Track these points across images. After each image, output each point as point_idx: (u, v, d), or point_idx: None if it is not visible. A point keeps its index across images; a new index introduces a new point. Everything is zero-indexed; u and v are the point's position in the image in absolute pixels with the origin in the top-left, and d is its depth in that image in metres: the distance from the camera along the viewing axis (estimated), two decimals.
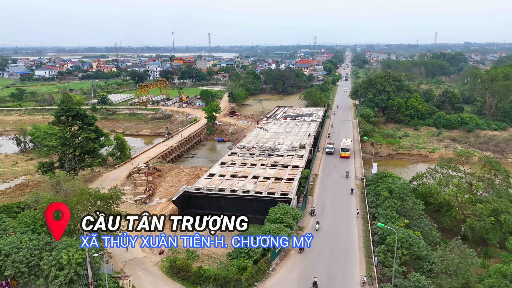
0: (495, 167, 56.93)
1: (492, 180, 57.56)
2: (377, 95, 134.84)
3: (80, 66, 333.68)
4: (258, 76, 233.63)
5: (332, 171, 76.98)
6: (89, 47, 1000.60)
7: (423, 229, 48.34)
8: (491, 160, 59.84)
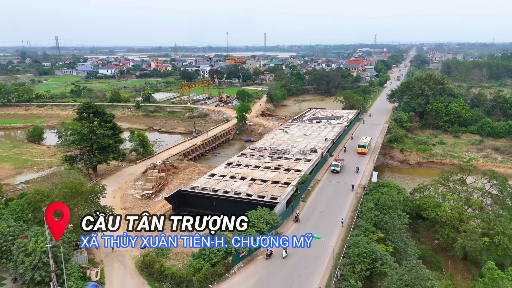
0: (500, 183, 51.53)
1: (497, 197, 52.26)
2: (414, 98, 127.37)
3: (140, 65, 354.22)
4: (302, 76, 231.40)
5: (336, 178, 74.56)
6: (156, 46, 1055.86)
7: (398, 244, 45.44)
8: (497, 175, 54.10)
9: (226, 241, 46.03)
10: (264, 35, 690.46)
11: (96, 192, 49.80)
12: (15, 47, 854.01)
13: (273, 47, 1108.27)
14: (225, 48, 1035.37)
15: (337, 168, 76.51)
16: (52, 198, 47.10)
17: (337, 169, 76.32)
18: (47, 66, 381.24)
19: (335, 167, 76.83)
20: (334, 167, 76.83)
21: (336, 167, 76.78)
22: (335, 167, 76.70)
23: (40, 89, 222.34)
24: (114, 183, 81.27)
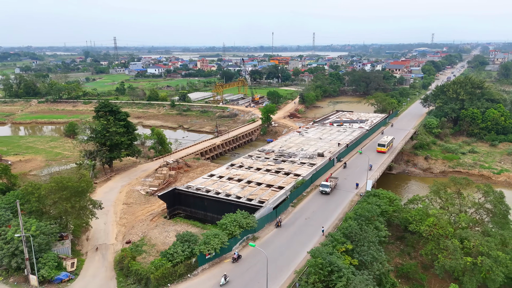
0: (494, 200, 47.00)
1: (494, 214, 47.84)
2: (447, 103, 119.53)
3: (187, 64, 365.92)
4: (340, 77, 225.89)
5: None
6: (210, 46, 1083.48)
7: (364, 257, 43.31)
8: (492, 190, 49.28)
9: (192, 242, 46.87)
10: (313, 34, 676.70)
11: (82, 187, 52.64)
12: (82, 47, 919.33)
13: (325, 46, 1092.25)
14: (276, 48, 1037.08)
15: (326, 189, 66.80)
16: (40, 191, 50.81)
17: (326, 190, 66.72)
18: (104, 65, 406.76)
19: (324, 187, 67.07)
20: (323, 188, 67.06)
21: (325, 188, 66.99)
22: (324, 188, 66.96)
23: (89, 87, 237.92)
24: (126, 179, 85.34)
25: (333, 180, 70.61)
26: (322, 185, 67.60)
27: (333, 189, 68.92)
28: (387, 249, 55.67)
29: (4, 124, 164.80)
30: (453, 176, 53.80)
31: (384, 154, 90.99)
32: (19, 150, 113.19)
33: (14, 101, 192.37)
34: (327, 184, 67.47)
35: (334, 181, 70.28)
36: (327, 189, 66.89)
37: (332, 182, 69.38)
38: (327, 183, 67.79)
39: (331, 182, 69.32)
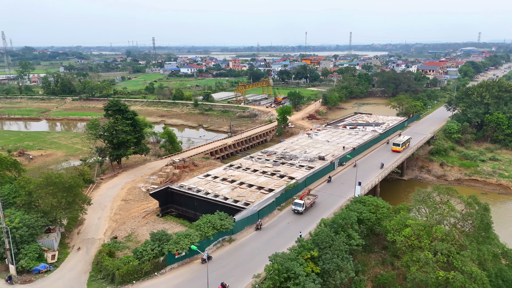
0: (476, 213, 43.85)
1: (475, 227, 44.77)
2: (471, 107, 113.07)
3: (220, 64, 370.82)
4: (369, 78, 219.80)
5: (329, 189, 70.68)
6: (248, 46, 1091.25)
7: (327, 266, 42.11)
8: (476, 202, 45.85)
9: (164, 241, 47.76)
10: (350, 34, 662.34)
11: (69, 183, 55.04)
12: (126, 47, 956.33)
13: (365, 46, 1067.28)
14: (315, 47, 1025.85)
15: (298, 208, 59.77)
16: (30, 186, 53.78)
17: (298, 209, 59.71)
18: (142, 64, 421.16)
19: (296, 206, 60.22)
20: (295, 207, 60.27)
21: (297, 207, 59.98)
22: (296, 207, 60.12)
23: (123, 85, 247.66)
24: (132, 176, 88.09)
25: (310, 197, 63.76)
26: (295, 203, 60.81)
27: (309, 208, 61.80)
28: (369, 258, 53.96)
29: (39, 120, 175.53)
30: (436, 185, 50.77)
31: (398, 153, 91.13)
32: (44, 145, 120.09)
33: (51, 98, 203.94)
34: (299, 202, 60.47)
35: (312, 198, 63.17)
36: (300, 208, 59.80)
37: (309, 199, 62.71)
38: (300, 201, 60.78)
39: (308, 199, 62.73)
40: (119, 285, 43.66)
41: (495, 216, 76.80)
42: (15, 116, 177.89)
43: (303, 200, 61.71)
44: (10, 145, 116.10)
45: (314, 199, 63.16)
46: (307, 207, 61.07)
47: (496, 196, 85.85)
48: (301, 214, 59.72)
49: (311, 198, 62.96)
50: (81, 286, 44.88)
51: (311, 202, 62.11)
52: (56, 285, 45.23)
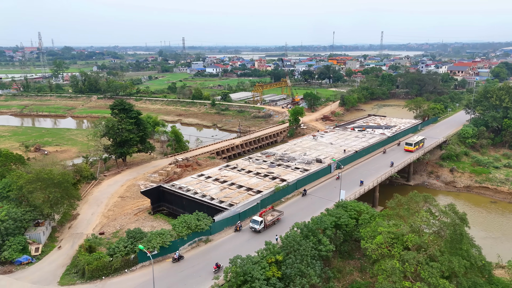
0: (450, 223, 41.49)
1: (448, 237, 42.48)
2: (489, 110, 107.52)
3: (245, 64, 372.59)
4: (393, 79, 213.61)
5: (321, 192, 69.41)
6: (279, 46, 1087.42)
7: (289, 271, 41.43)
8: (455, 210, 43.27)
9: (138, 239, 48.80)
10: (381, 33, 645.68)
11: (57, 179, 57.25)
12: (160, 47, 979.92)
13: (400, 45, 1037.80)
14: (347, 47, 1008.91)
15: (255, 226, 54.38)
16: (20, 181, 56.46)
17: (255, 227, 54.35)
18: (171, 64, 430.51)
19: (253, 224, 54.82)
20: (252, 224, 54.90)
21: (255, 225, 54.61)
22: (254, 225, 54.64)
23: (150, 85, 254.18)
24: (134, 173, 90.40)
25: (275, 213, 58.22)
26: (252, 220, 55.56)
27: (271, 225, 56.33)
28: (347, 264, 52.68)
29: (65, 117, 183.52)
30: (414, 192, 48.49)
31: (411, 153, 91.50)
32: (62, 141, 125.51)
33: (78, 97, 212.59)
34: (257, 220, 54.96)
35: (276, 215, 57.64)
36: (257, 226, 54.31)
37: (272, 216, 57.27)
38: (259, 218, 55.26)
39: (272, 215, 57.28)
40: (88, 280, 45.05)
41: (502, 227, 72.98)
42: (42, 113, 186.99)
43: (263, 217, 56.41)
44: (31, 141, 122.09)
45: (278, 215, 58.00)
46: (267, 224, 55.53)
47: (506, 206, 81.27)
48: (259, 232, 54.46)
49: (275, 215, 57.79)
50: (55, 279, 46.65)
51: (274, 219, 56.86)
52: (32, 277, 47.24)
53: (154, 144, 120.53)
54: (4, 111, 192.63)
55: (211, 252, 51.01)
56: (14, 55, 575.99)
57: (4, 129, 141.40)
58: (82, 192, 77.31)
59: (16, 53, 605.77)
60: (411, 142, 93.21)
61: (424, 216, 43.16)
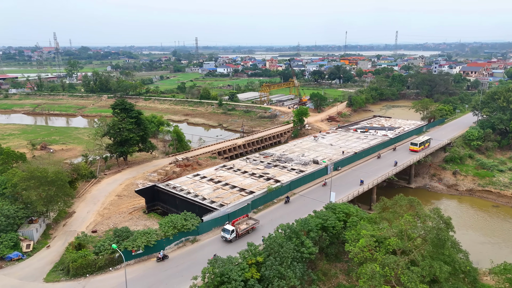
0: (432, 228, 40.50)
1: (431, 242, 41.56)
2: (496, 112, 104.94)
3: (257, 64, 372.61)
4: (404, 79, 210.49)
5: (313, 194, 68.85)
6: (293, 46, 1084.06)
7: (267, 272, 41.26)
8: (439, 215, 42.16)
9: (124, 238, 49.35)
10: (396, 33, 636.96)
11: (51, 178, 58.36)
12: (175, 47, 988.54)
13: (417, 45, 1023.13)
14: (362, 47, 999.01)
15: (226, 235, 51.94)
16: (15, 178, 57.76)
17: (226, 236, 51.92)
18: (184, 64, 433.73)
19: (225, 233, 52.28)
20: (224, 233, 52.35)
21: (225, 234, 52.11)
22: (225, 234, 52.18)
23: (157, 84, 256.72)
24: (134, 172, 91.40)
25: (250, 222, 55.84)
26: (223, 229, 53.03)
27: (245, 235, 53.59)
28: (334, 267, 52.18)
29: (75, 116, 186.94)
30: (400, 196, 47.42)
31: (416, 153, 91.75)
32: (68, 139, 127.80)
33: (89, 96, 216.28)
34: (228, 229, 52.20)
35: (251, 223, 55.32)
36: (227, 235, 51.84)
37: (245, 225, 54.63)
38: (230, 227, 52.59)
39: (246, 224, 54.74)
40: (72, 277, 45.79)
41: (502, 232, 71.09)
42: (54, 112, 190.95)
43: (236, 225, 53.86)
44: (38, 139, 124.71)
45: (254, 224, 55.37)
46: (239, 234, 52.79)
47: (509, 210, 79.17)
48: (230, 242, 51.86)
49: (250, 223, 55.24)
50: (41, 275, 47.53)
51: (248, 228, 54.09)
52: (21, 273, 48.23)
53: (158, 143, 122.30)
54: (18, 110, 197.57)
55: (196, 252, 51.19)
56: (32, 55, 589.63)
57: (14, 127, 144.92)
58: (81, 190, 78.75)
59: (34, 53, 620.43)
60: (416, 142, 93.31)
61: (408, 220, 42.31)
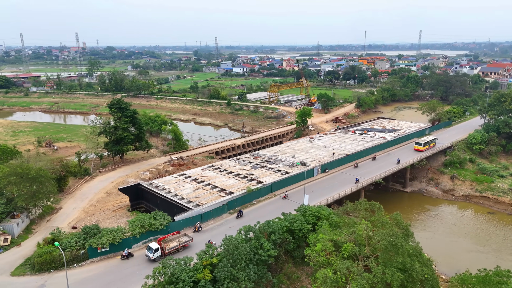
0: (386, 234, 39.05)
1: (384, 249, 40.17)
2: (503, 115, 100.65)
3: (274, 64, 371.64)
4: (419, 80, 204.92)
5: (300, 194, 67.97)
6: (316, 45, 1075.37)
7: (219, 274, 41.10)
8: (398, 221, 40.60)
9: (92, 235, 50.39)
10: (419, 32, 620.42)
11: (32, 175, 60.13)
12: (198, 46, 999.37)
13: (444, 44, 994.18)
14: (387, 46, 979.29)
15: (150, 254, 48.05)
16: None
17: (149, 255, 48.05)
18: (203, 63, 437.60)
19: (148, 251, 48.53)
20: (147, 252, 48.64)
21: (149, 252, 48.31)
22: (148, 252, 48.42)
23: (174, 84, 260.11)
24: (128, 171, 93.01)
25: (181, 239, 51.23)
26: (148, 247, 49.09)
27: (174, 253, 49.17)
28: (301, 270, 51.43)
29: (89, 114, 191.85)
30: (361, 201, 45.95)
31: (420, 152, 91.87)
32: (75, 137, 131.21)
33: (104, 95, 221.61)
34: (151, 247, 48.26)
35: (182, 241, 50.91)
36: (150, 254, 47.88)
37: (176, 242, 50.40)
38: (155, 245, 48.59)
39: (177, 242, 50.44)
40: (37, 272, 47.10)
41: (492, 240, 68.10)
42: (69, 110, 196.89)
43: (163, 243, 49.73)
44: (47, 137, 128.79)
45: (187, 241, 51.07)
46: (165, 253, 48.58)
47: (504, 217, 75.82)
48: (154, 261, 47.61)
49: (182, 240, 51.07)
50: (10, 269, 49.01)
51: (178, 245, 50.20)
52: None
53: (160, 142, 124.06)
54: (35, 108, 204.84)
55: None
56: (59, 55, 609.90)
57: (27, 124, 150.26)
58: (72, 187, 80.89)
59: (61, 52, 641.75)
60: (421, 142, 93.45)
61: (365, 225, 41.22)
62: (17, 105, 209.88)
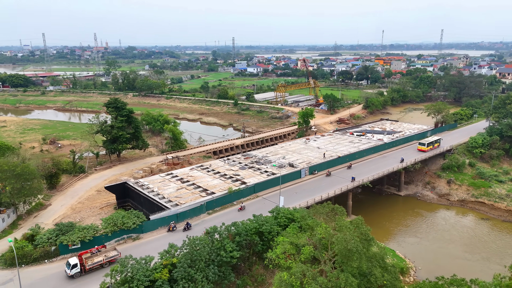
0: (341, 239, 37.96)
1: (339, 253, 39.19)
2: (506, 118, 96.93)
3: (288, 64, 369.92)
4: (432, 81, 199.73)
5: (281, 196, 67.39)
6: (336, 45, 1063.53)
7: (176, 274, 41.15)
8: (359, 226, 39.35)
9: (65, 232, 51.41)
10: (441, 31, 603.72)
11: (17, 171, 61.89)
12: (218, 46, 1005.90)
13: (469, 44, 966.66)
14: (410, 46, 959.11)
15: (67, 269, 44.91)
16: None
17: (67, 271, 44.85)
18: (219, 63, 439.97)
19: (66, 266, 45.36)
20: (66, 268, 45.33)
21: (67, 268, 45.07)
22: (66, 268, 45.18)
23: (183, 83, 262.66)
24: (123, 169, 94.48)
25: (108, 254, 47.80)
26: (67, 262, 45.92)
27: (98, 269, 46.42)
28: (272, 272, 50.93)
29: (100, 113, 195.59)
30: (324, 204, 44.89)
31: (424, 152, 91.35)
32: (80, 135, 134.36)
33: (116, 94, 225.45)
34: (70, 262, 44.92)
35: (109, 256, 47.64)
36: (68, 270, 44.65)
37: (102, 256, 47.00)
38: (74, 260, 45.20)
39: (103, 256, 46.93)
40: (8, 267, 48.41)
41: (482, 247, 65.63)
42: (81, 108, 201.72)
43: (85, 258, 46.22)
44: (54, 134, 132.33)
45: (114, 256, 47.69)
46: (86, 268, 45.41)
47: (498, 224, 72.99)
48: (73, 278, 44.77)
49: (109, 255, 47.52)
50: None
51: (101, 261, 46.73)
52: None
53: (160, 141, 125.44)
54: (50, 106, 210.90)
55: (134, 249, 51.90)
56: (81, 54, 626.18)
57: (37, 122, 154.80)
58: (66, 184, 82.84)
59: (84, 52, 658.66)
60: (424, 142, 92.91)
61: (324, 229, 40.46)
62: (33, 103, 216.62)
